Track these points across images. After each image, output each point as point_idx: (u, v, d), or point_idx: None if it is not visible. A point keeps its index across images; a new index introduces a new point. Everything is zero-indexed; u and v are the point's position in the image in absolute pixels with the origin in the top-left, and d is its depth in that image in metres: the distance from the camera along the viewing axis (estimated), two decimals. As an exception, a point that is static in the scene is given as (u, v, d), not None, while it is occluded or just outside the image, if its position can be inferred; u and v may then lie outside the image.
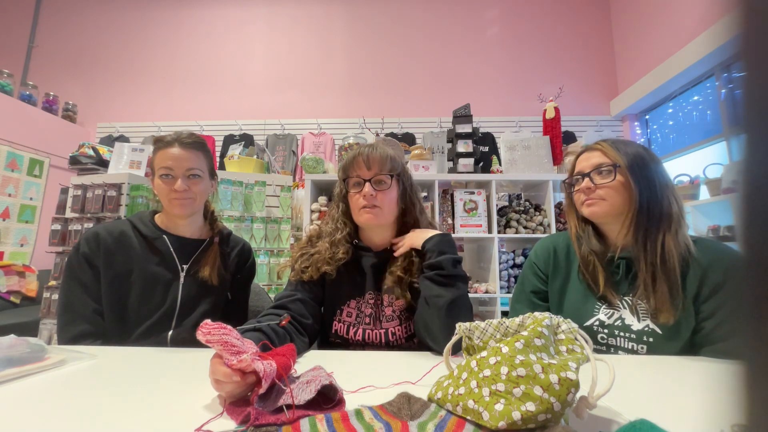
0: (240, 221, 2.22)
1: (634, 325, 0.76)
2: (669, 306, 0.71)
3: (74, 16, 3.67)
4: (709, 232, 2.00)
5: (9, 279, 2.54)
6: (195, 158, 0.93)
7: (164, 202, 0.93)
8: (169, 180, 0.91)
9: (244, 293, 1.08)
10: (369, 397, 0.49)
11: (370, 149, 0.84)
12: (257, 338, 0.61)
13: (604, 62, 3.37)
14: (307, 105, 3.45)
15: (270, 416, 0.40)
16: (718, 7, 0.16)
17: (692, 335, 0.71)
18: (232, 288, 1.03)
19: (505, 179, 2.19)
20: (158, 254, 0.93)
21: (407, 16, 3.53)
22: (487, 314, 2.26)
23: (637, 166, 0.77)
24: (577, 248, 0.85)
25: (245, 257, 1.07)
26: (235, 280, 1.04)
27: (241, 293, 1.06)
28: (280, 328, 0.69)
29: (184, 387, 0.54)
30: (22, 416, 0.44)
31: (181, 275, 0.94)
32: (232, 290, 1.03)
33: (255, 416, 0.39)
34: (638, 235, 0.76)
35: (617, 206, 0.78)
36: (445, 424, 0.39)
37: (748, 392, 0.15)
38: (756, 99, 0.15)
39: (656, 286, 0.72)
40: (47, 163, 3.01)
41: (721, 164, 2.11)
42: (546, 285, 0.91)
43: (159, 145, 0.93)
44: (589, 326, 0.80)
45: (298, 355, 0.67)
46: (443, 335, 0.67)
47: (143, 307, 0.89)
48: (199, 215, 1.00)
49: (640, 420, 0.34)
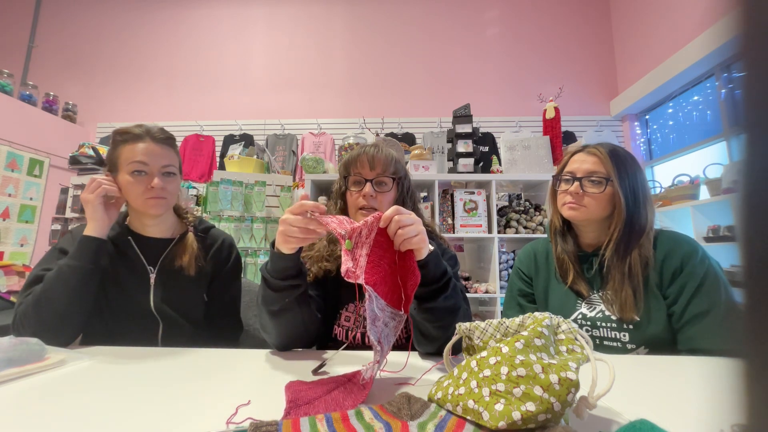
0: (240, 221, 2.22)
1: (613, 315, 0.81)
2: (632, 306, 0.78)
3: (74, 16, 3.67)
4: (709, 232, 2.01)
5: (9, 279, 2.54)
6: (169, 155, 0.88)
7: (136, 202, 0.85)
8: (143, 177, 0.83)
9: (229, 294, 0.99)
10: (369, 397, 0.49)
11: (375, 149, 0.83)
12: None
13: (604, 62, 3.37)
14: (307, 105, 3.44)
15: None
16: (718, 7, 0.16)
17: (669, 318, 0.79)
18: (212, 289, 0.96)
19: (505, 179, 2.19)
20: (124, 256, 0.88)
21: (407, 16, 3.53)
22: (487, 314, 2.26)
23: (628, 181, 0.82)
24: (554, 247, 0.93)
25: (225, 253, 0.99)
26: (215, 281, 0.96)
27: (225, 294, 0.98)
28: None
29: (184, 386, 0.54)
30: (22, 416, 0.44)
31: (151, 276, 0.89)
32: (211, 291, 0.96)
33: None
34: (619, 247, 0.82)
35: (597, 214, 0.84)
36: (445, 424, 0.39)
37: (748, 392, 0.15)
38: (756, 99, 0.15)
39: (623, 291, 0.80)
40: (47, 163, 3.01)
41: (721, 164, 2.11)
42: (531, 287, 0.97)
43: (125, 137, 0.85)
44: (572, 320, 0.84)
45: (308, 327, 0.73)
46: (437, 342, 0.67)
47: (121, 312, 0.86)
48: (169, 214, 0.94)
49: (640, 420, 0.35)
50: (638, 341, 0.78)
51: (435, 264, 0.64)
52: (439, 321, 0.65)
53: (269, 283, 0.68)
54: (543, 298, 0.94)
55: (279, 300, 0.67)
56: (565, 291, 0.88)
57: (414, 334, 0.71)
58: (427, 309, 0.65)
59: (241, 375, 0.59)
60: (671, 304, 0.78)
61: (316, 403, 0.46)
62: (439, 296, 0.65)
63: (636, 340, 0.78)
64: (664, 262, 0.80)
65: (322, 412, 0.42)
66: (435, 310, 0.65)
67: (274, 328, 0.70)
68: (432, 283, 0.65)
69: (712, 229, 2.00)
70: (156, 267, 0.90)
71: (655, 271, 0.80)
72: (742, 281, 0.15)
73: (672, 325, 0.78)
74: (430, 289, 0.65)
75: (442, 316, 0.65)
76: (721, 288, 0.75)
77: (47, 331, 0.73)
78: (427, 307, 0.65)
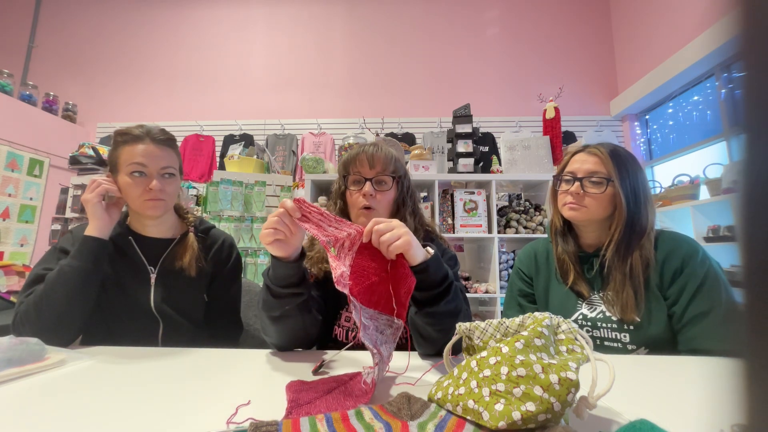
0: (240, 221, 2.22)
1: (614, 316, 0.81)
2: (633, 307, 0.78)
3: (74, 16, 3.67)
4: (709, 232, 2.00)
5: (9, 279, 2.53)
6: (169, 156, 0.87)
7: (134, 203, 0.86)
8: (141, 178, 0.84)
9: (229, 294, 0.99)
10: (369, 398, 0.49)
11: (374, 148, 0.83)
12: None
13: (604, 62, 3.37)
14: (307, 105, 3.44)
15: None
16: (718, 7, 0.16)
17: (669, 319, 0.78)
18: (212, 289, 0.96)
19: (505, 179, 2.19)
20: (125, 256, 0.88)
21: (407, 16, 3.53)
22: (487, 314, 2.26)
23: (629, 181, 0.81)
24: (554, 247, 0.92)
25: (226, 253, 0.99)
26: (215, 281, 0.97)
27: (225, 294, 0.98)
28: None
29: (184, 386, 0.54)
30: (22, 416, 0.44)
31: (151, 277, 0.89)
32: (211, 291, 0.96)
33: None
34: (620, 247, 0.81)
35: (598, 214, 0.84)
36: (445, 424, 0.39)
37: (748, 392, 0.15)
38: (756, 99, 0.15)
39: (624, 292, 0.80)
40: (47, 163, 3.01)
41: (721, 164, 2.11)
42: (531, 288, 0.97)
43: (125, 138, 0.85)
44: (573, 321, 0.82)
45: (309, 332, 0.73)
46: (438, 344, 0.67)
47: (121, 311, 0.86)
48: (169, 214, 0.94)
49: (640, 420, 0.35)
50: (639, 342, 0.78)
51: (435, 268, 0.63)
52: (440, 324, 0.65)
53: (270, 289, 0.67)
54: (543, 299, 0.93)
55: (280, 307, 0.67)
56: (566, 291, 0.88)
57: (414, 337, 0.70)
58: (429, 313, 0.64)
59: (241, 375, 0.59)
60: (672, 304, 0.78)
61: (317, 402, 0.46)
62: (441, 301, 0.64)
63: (636, 340, 0.78)
64: (665, 262, 0.80)
65: (323, 411, 0.42)
66: (436, 314, 0.64)
67: (275, 332, 0.70)
68: (433, 287, 0.64)
69: (712, 229, 1.99)
70: (156, 267, 0.90)
71: (656, 272, 0.80)
72: (742, 281, 0.15)
73: (672, 325, 0.78)
74: (431, 293, 0.64)
75: (444, 319, 0.64)
76: (722, 288, 0.75)
77: (47, 331, 0.73)
78: (428, 311, 0.64)
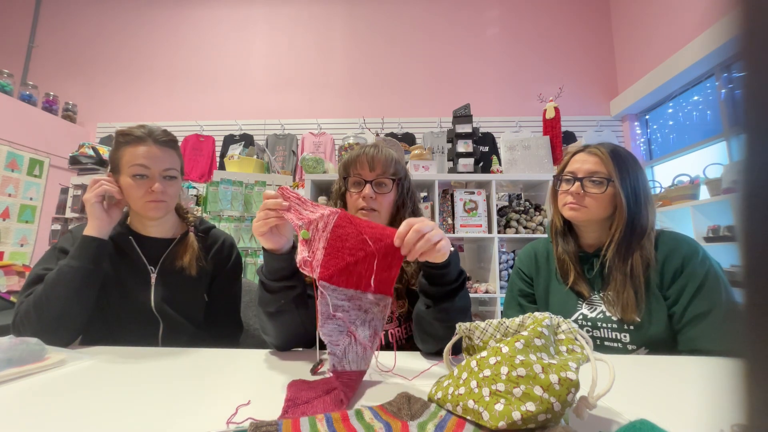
0: (240, 221, 2.22)
1: (614, 316, 0.81)
2: (634, 308, 0.78)
3: (74, 16, 3.67)
4: (709, 232, 2.00)
5: (9, 279, 2.53)
6: (170, 158, 0.87)
7: (136, 204, 0.86)
8: (143, 180, 0.84)
9: (229, 294, 1.00)
10: (369, 397, 0.49)
11: (375, 150, 0.83)
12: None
13: (604, 62, 3.37)
14: (307, 105, 3.44)
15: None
16: (718, 7, 0.16)
17: (669, 319, 0.78)
18: (212, 289, 0.96)
19: (505, 179, 2.19)
20: (125, 256, 0.88)
21: (407, 16, 3.53)
22: (487, 314, 2.26)
23: (629, 181, 0.81)
24: (555, 247, 0.93)
25: (226, 253, 0.99)
26: (216, 281, 0.97)
27: (225, 294, 0.98)
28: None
29: (184, 386, 0.54)
30: (22, 416, 0.44)
31: (151, 276, 0.89)
32: (211, 291, 0.96)
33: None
34: (621, 247, 0.81)
35: (598, 214, 0.84)
36: (445, 424, 0.39)
37: (748, 392, 0.15)
38: (756, 99, 0.15)
39: (624, 292, 0.79)
40: (47, 163, 3.01)
41: (721, 164, 2.11)
42: (532, 288, 0.97)
43: (127, 139, 0.84)
44: (573, 321, 0.82)
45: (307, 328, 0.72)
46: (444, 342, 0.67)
47: (122, 311, 0.86)
48: (170, 214, 0.94)
49: (640, 420, 0.35)
50: (639, 342, 0.78)
51: (455, 263, 0.64)
52: (451, 321, 0.63)
53: (265, 284, 0.68)
54: (543, 299, 0.93)
55: (275, 301, 0.67)
56: (566, 292, 0.88)
57: (418, 334, 0.71)
58: (443, 309, 0.65)
59: (241, 375, 0.59)
60: (672, 304, 0.78)
61: (315, 402, 0.46)
62: (455, 296, 0.65)
63: (637, 340, 0.78)
64: (665, 262, 0.80)
65: (320, 411, 0.42)
66: (450, 310, 0.65)
67: (273, 329, 0.70)
68: (451, 283, 0.64)
69: (712, 229, 1.99)
70: (157, 267, 0.90)
71: (656, 272, 0.80)
72: (742, 281, 0.15)
73: (672, 325, 0.78)
74: (448, 288, 0.65)
75: (456, 316, 0.64)
76: (722, 288, 0.75)
77: (48, 331, 0.73)
78: (442, 307, 0.65)
